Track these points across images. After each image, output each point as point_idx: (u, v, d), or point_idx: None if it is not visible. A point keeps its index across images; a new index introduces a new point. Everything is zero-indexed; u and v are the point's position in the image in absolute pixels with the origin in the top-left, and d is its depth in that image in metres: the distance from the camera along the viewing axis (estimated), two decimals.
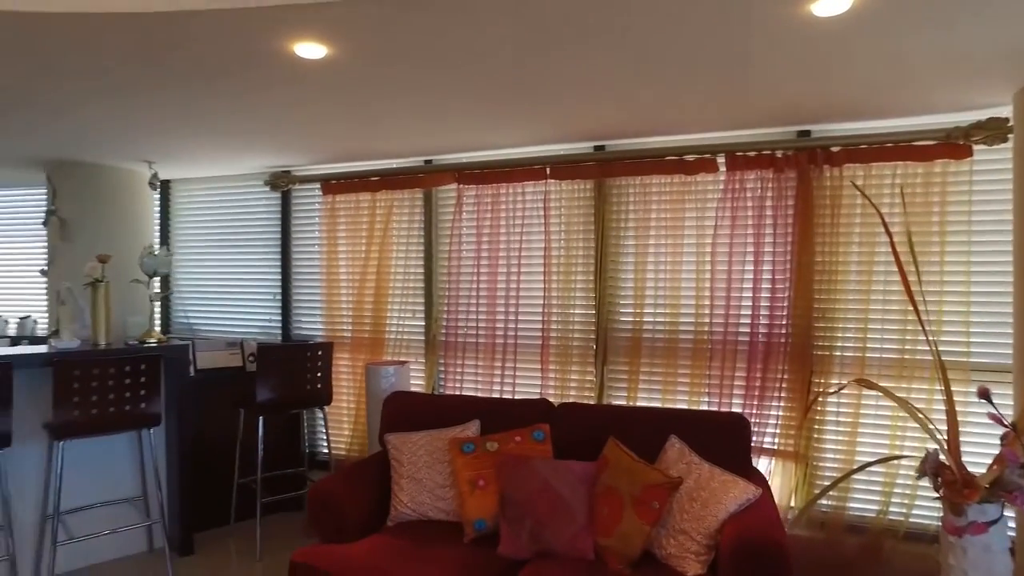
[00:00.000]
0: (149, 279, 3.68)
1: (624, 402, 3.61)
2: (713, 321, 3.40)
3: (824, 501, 3.20)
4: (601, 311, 3.67)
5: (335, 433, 4.42)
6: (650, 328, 3.57)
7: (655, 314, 3.56)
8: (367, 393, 3.78)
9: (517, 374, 3.88)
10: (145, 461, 3.61)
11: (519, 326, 3.88)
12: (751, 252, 3.32)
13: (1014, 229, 2.71)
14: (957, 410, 2.59)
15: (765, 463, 3.27)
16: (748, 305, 3.33)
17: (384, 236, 4.21)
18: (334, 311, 4.38)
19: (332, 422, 4.43)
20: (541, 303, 3.82)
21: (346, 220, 4.35)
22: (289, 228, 4.64)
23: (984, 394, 2.43)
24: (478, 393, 3.94)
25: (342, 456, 4.31)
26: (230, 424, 4.01)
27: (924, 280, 3.04)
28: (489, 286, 3.93)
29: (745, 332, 3.34)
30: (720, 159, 3.38)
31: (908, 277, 2.75)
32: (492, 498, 2.74)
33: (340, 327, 4.36)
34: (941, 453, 2.56)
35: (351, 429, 4.29)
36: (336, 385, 4.31)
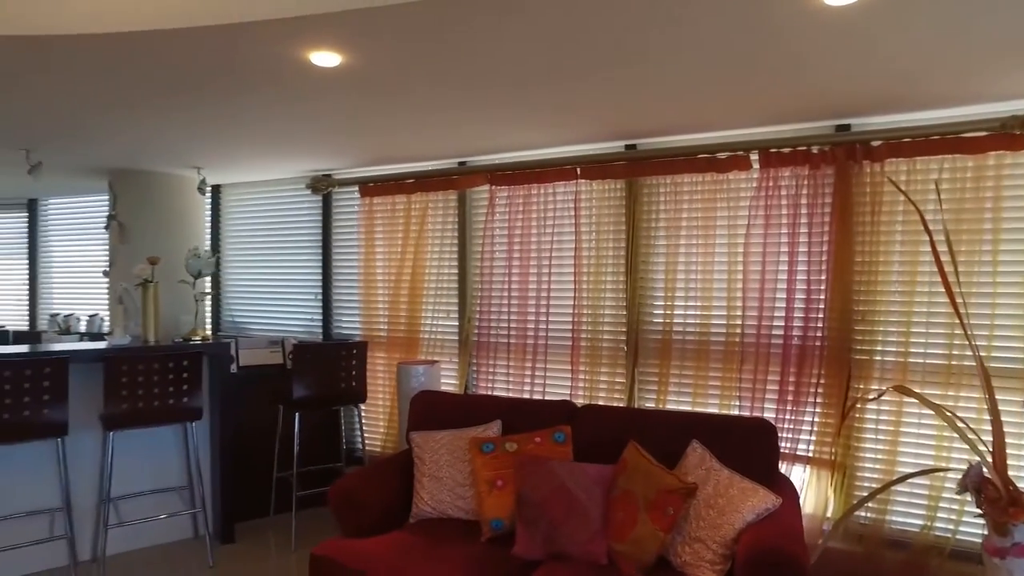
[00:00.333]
0: (194, 279, 3.86)
1: (653, 405, 3.54)
2: (746, 323, 3.29)
3: (863, 513, 3.05)
4: (632, 312, 3.61)
5: (372, 430, 4.52)
6: (680, 330, 3.49)
7: (686, 316, 3.48)
8: (398, 392, 3.85)
9: (548, 375, 3.87)
10: (190, 453, 3.79)
11: (550, 327, 3.86)
12: (785, 252, 3.20)
13: None
14: (1008, 421, 2.42)
15: (800, 471, 3.14)
16: (782, 307, 3.21)
17: (419, 237, 4.28)
18: (371, 311, 4.48)
19: (368, 419, 4.53)
20: (572, 304, 3.79)
21: (383, 222, 4.44)
22: (330, 230, 4.78)
23: None
24: (509, 393, 3.94)
25: (377, 453, 4.40)
26: (270, 420, 4.16)
27: (975, 281, 2.85)
28: (520, 287, 3.93)
29: (779, 335, 3.21)
30: (753, 156, 3.27)
31: (952, 278, 2.59)
32: (509, 498, 2.73)
33: (377, 327, 4.46)
34: (985, 467, 2.39)
35: (386, 427, 4.37)
36: (372, 383, 4.41)
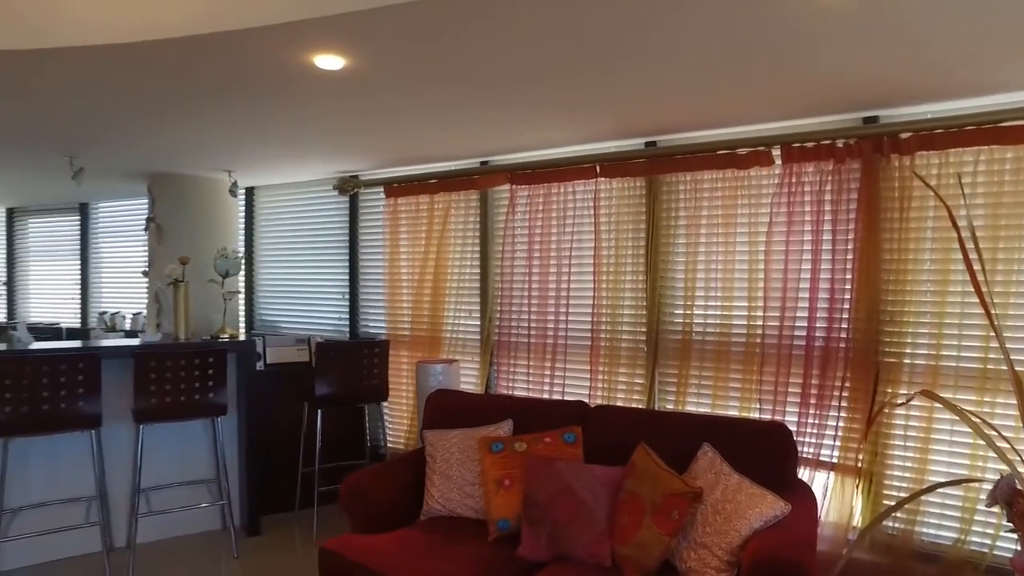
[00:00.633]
0: (222, 279, 3.97)
1: (673, 407, 3.46)
2: (767, 324, 3.18)
3: (890, 523, 2.91)
4: (651, 312, 3.54)
5: (395, 428, 4.56)
6: (700, 331, 3.40)
7: (706, 316, 3.39)
8: (417, 390, 3.88)
9: (567, 375, 3.83)
10: (217, 447, 3.90)
11: (569, 327, 3.83)
12: (808, 250, 3.08)
13: None
14: None
15: (823, 477, 3.02)
16: (804, 307, 3.09)
17: (442, 237, 4.30)
18: (395, 310, 4.52)
19: (391, 417, 4.57)
20: (591, 303, 3.74)
21: (407, 222, 4.48)
22: (357, 230, 4.85)
23: None
24: (529, 394, 3.92)
25: (399, 450, 4.44)
26: (296, 416, 4.25)
27: (1016, 280, 2.68)
28: (540, 286, 3.90)
29: (801, 336, 3.10)
30: (775, 151, 3.16)
31: (984, 277, 2.44)
32: (516, 498, 2.72)
33: (400, 326, 4.50)
34: (1017, 479, 2.24)
35: (408, 424, 4.41)
36: (396, 381, 4.45)
